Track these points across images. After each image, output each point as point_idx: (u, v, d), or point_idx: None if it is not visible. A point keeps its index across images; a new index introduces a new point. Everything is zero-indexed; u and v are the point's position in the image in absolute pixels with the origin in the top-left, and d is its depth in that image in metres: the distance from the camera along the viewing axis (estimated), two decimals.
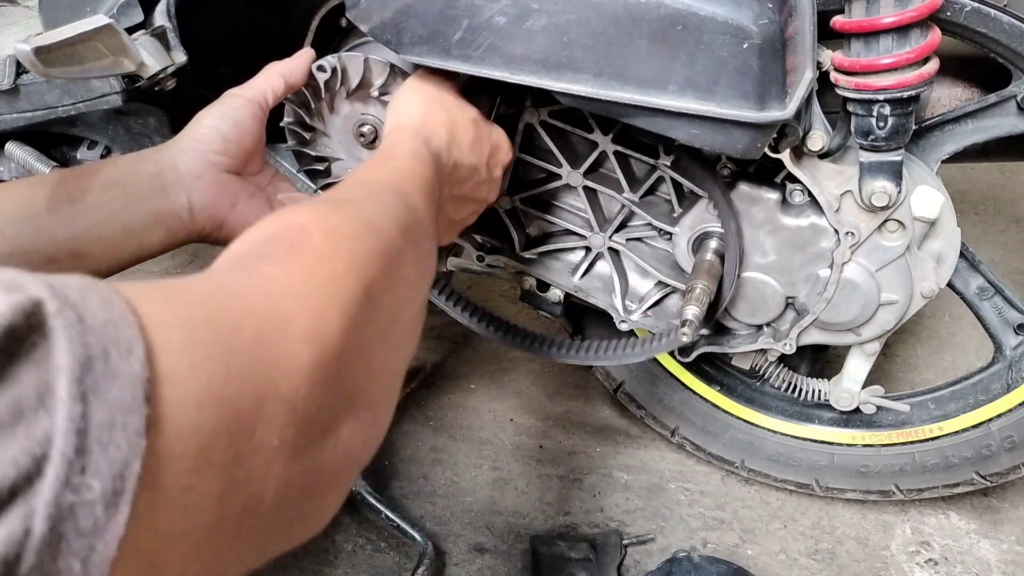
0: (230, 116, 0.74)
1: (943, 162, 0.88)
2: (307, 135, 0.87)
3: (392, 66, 0.79)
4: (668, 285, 0.95)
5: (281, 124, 0.86)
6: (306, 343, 0.38)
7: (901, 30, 0.70)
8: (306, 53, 0.81)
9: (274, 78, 0.78)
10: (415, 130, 0.69)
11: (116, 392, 0.27)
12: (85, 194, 0.68)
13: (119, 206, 0.69)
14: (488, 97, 0.82)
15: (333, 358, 0.40)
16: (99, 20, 0.70)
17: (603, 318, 1.01)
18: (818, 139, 0.79)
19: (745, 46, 0.64)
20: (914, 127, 0.78)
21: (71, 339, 0.26)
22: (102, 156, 0.98)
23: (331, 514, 0.43)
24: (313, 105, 0.85)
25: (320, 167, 0.88)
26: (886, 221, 0.83)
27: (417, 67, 0.76)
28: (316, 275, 0.42)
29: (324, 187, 0.89)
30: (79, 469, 0.25)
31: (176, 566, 0.31)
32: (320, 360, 0.38)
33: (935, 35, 0.72)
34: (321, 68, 0.81)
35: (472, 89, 0.79)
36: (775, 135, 0.75)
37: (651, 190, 0.92)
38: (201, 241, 0.76)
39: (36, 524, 0.24)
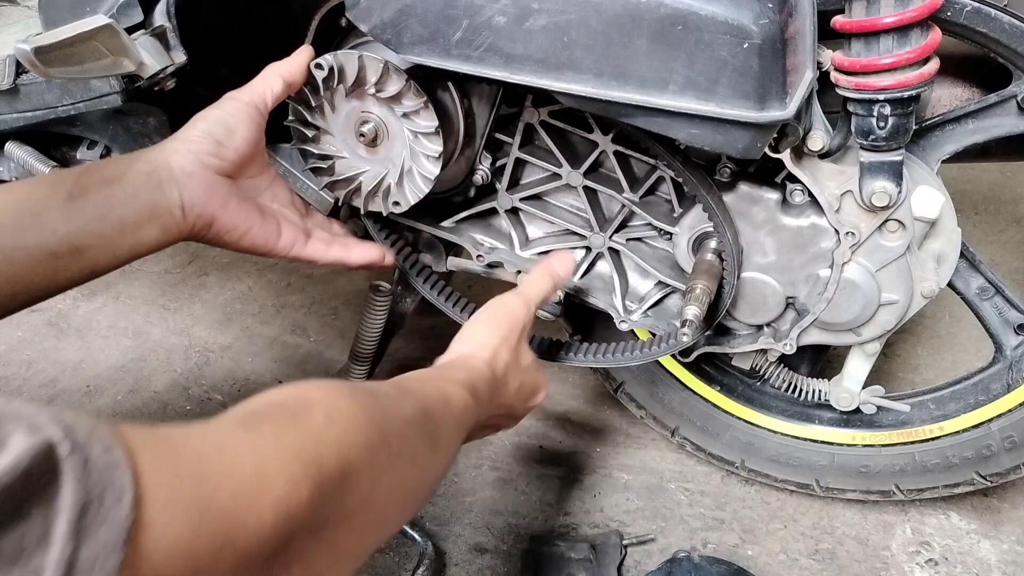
0: (224, 120, 0.76)
1: (943, 162, 0.88)
2: (310, 133, 0.87)
3: (387, 63, 0.79)
4: (668, 285, 0.95)
5: (285, 123, 0.86)
6: (273, 509, 0.42)
7: (901, 30, 0.70)
8: (304, 52, 0.81)
9: (273, 80, 0.79)
10: (485, 361, 0.76)
11: (104, 534, 0.31)
12: (84, 192, 0.70)
13: (116, 202, 0.71)
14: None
15: (296, 518, 0.44)
16: (99, 20, 0.70)
17: (603, 318, 1.01)
18: (818, 139, 0.79)
19: (745, 46, 0.64)
20: (914, 127, 0.78)
21: (76, 482, 0.30)
22: (102, 156, 0.98)
23: None
24: (314, 103, 0.85)
25: (323, 165, 0.88)
26: (886, 221, 0.83)
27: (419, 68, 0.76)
28: (303, 448, 0.46)
29: (328, 185, 0.89)
30: None
31: None
32: (280, 524, 0.43)
33: (935, 35, 0.72)
34: (318, 66, 0.81)
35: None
36: (775, 135, 0.75)
37: (651, 190, 0.92)
38: (193, 239, 0.77)
39: None
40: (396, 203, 0.88)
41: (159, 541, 0.34)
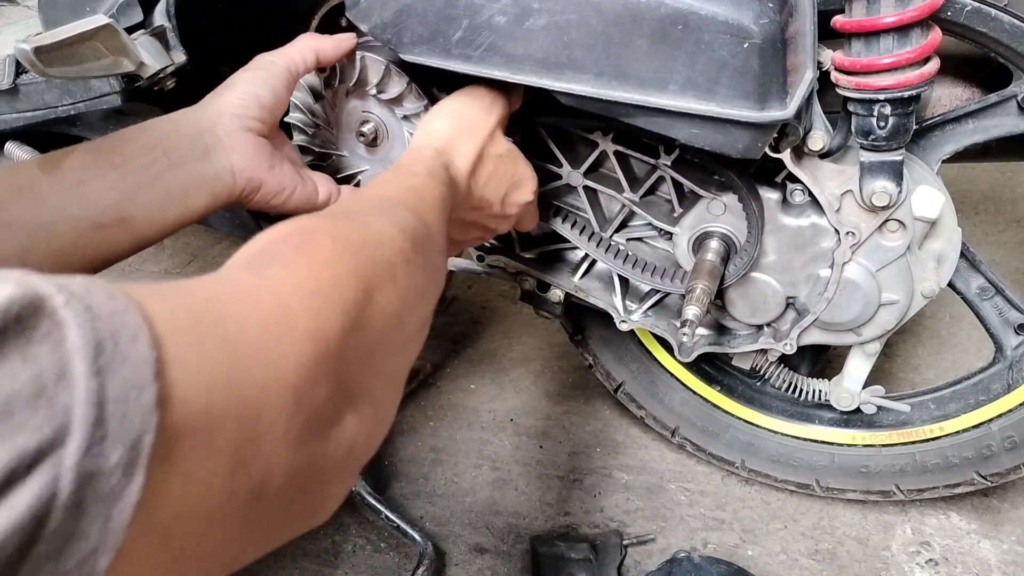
0: (268, 83, 0.75)
1: (944, 162, 0.88)
2: (311, 130, 0.87)
3: (388, 64, 0.79)
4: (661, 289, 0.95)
5: (285, 119, 0.86)
6: (309, 339, 0.40)
7: (902, 30, 0.70)
8: (349, 39, 0.80)
9: (307, 51, 0.77)
10: (438, 151, 0.70)
11: (127, 371, 0.29)
12: (126, 160, 0.69)
13: (161, 169, 0.69)
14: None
15: (335, 354, 0.42)
16: (99, 20, 0.69)
17: (604, 318, 1.01)
18: (819, 139, 0.79)
19: (746, 46, 0.64)
20: (915, 127, 0.78)
21: (81, 325, 0.28)
22: None
23: (335, 505, 0.45)
24: (316, 101, 0.85)
25: (323, 163, 0.89)
26: (887, 221, 0.83)
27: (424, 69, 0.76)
28: (320, 277, 0.44)
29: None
30: (99, 438, 0.27)
31: (187, 542, 0.32)
32: (323, 355, 0.40)
33: (936, 35, 0.72)
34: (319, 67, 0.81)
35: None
36: (776, 135, 0.75)
37: (651, 190, 0.92)
38: (240, 205, 0.76)
39: (62, 486, 0.26)
40: None
41: (194, 376, 0.32)
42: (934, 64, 0.73)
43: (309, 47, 0.77)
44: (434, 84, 0.82)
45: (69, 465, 0.26)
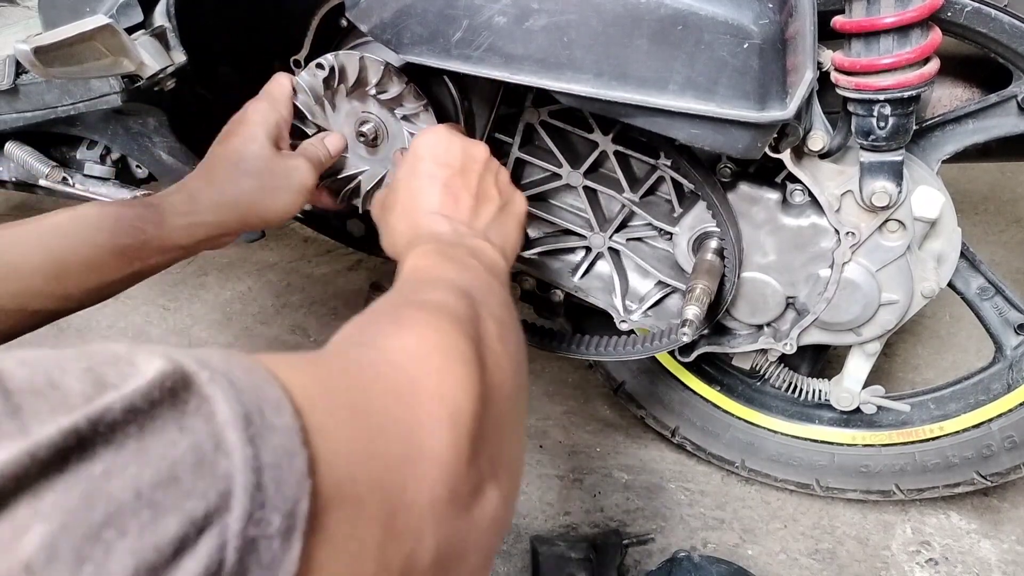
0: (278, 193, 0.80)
1: (944, 162, 0.88)
2: (310, 131, 0.87)
3: (387, 64, 0.79)
4: (668, 285, 0.95)
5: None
6: (439, 401, 0.40)
7: (902, 30, 0.70)
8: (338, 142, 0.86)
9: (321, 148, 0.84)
10: (452, 227, 0.68)
11: (276, 439, 0.29)
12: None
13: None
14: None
15: (473, 422, 0.42)
16: (99, 20, 0.69)
17: (604, 318, 1.01)
18: (819, 139, 0.79)
19: (745, 46, 0.64)
20: (915, 127, 0.78)
21: (228, 399, 0.29)
22: (101, 156, 0.98)
23: None
24: (315, 102, 0.85)
25: None
26: (887, 221, 0.83)
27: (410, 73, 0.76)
28: (428, 340, 0.44)
29: (326, 183, 0.89)
30: (259, 504, 0.27)
31: None
32: (456, 416, 0.41)
33: (935, 35, 0.72)
34: (319, 66, 0.81)
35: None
36: (775, 135, 0.75)
37: (651, 190, 0.92)
38: None
39: (228, 553, 0.26)
40: None
41: (337, 445, 0.32)
42: (934, 64, 0.73)
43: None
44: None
45: (235, 531, 0.26)
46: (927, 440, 1.03)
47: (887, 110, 0.74)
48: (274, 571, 0.27)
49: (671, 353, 1.05)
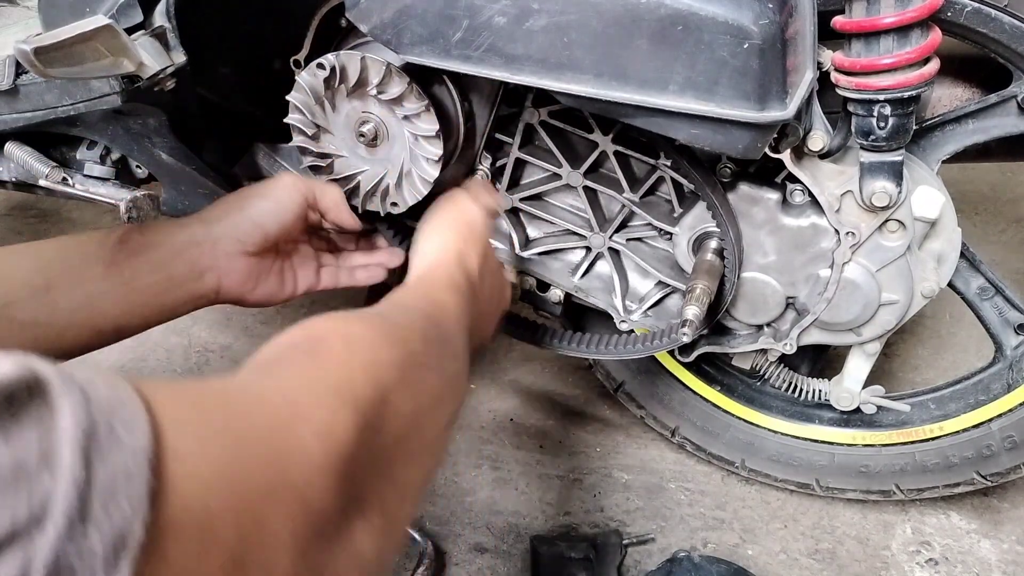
0: (279, 217, 0.80)
1: (944, 162, 0.88)
2: (310, 132, 0.87)
3: (389, 65, 0.79)
4: (668, 285, 0.95)
5: (285, 120, 0.86)
6: (318, 438, 0.39)
7: (902, 30, 0.70)
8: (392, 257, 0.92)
9: (332, 194, 0.84)
10: (456, 259, 0.72)
11: (119, 458, 0.28)
12: (135, 277, 0.75)
13: (161, 290, 0.76)
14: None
15: (346, 456, 0.40)
16: (99, 20, 0.69)
17: (603, 318, 1.01)
18: (819, 139, 0.79)
19: (745, 46, 0.64)
20: (914, 127, 0.78)
21: (75, 411, 0.27)
22: (101, 156, 0.98)
23: None
24: (315, 102, 0.85)
25: (323, 163, 0.88)
26: (887, 221, 0.83)
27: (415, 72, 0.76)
28: (331, 377, 0.43)
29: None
30: (79, 526, 0.26)
31: None
32: (332, 456, 0.39)
33: (935, 35, 0.72)
34: (320, 66, 0.81)
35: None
36: (776, 135, 0.75)
37: (651, 190, 0.92)
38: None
39: (33, 574, 0.25)
40: (394, 204, 0.88)
41: (193, 469, 0.31)
42: (934, 64, 0.73)
43: (337, 196, 0.84)
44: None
45: (44, 551, 0.25)
46: (927, 440, 1.03)
47: (887, 110, 0.74)
48: None
49: (671, 353, 1.05)
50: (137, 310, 0.75)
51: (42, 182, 0.96)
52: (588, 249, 0.97)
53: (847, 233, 0.84)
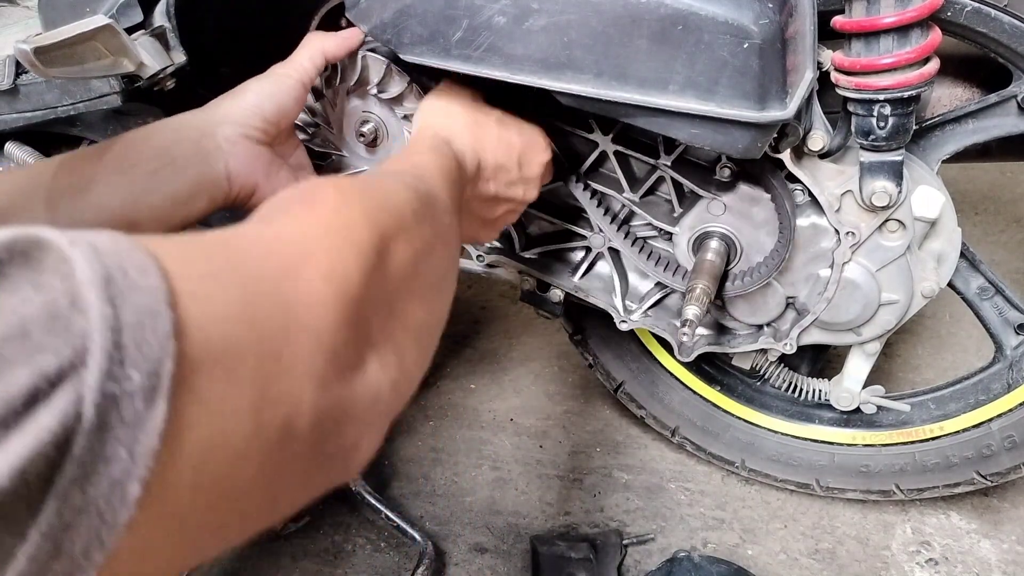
0: (275, 97, 0.77)
1: (944, 162, 0.88)
2: (311, 130, 0.87)
3: (389, 64, 0.79)
4: (668, 285, 0.95)
5: None
6: (326, 280, 0.40)
7: (901, 30, 0.70)
8: (354, 36, 0.81)
9: (316, 54, 0.79)
10: (436, 131, 0.72)
11: (140, 299, 0.29)
12: (134, 165, 0.71)
13: (166, 175, 0.72)
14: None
15: (354, 296, 0.42)
16: (99, 20, 0.69)
17: (603, 318, 1.01)
18: (819, 139, 0.79)
19: (745, 46, 0.64)
20: (914, 127, 0.78)
21: (89, 259, 0.28)
22: None
23: (366, 457, 0.45)
24: (316, 101, 0.85)
25: (322, 162, 0.89)
26: (887, 221, 0.83)
27: (418, 67, 0.76)
28: (331, 222, 0.45)
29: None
30: (118, 361, 0.27)
31: (218, 478, 0.32)
32: (341, 296, 0.41)
33: (935, 35, 0.72)
34: None
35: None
36: (775, 135, 0.75)
37: (651, 190, 0.92)
38: (235, 207, 0.78)
39: (85, 408, 0.25)
40: None
41: (209, 308, 0.32)
42: (934, 64, 0.73)
43: (317, 48, 0.79)
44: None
45: (91, 386, 0.26)
46: (927, 440, 1.03)
47: (887, 110, 0.74)
48: (137, 428, 0.27)
49: (671, 353, 1.05)
50: (144, 199, 0.71)
51: None
52: (588, 249, 0.97)
53: (847, 233, 0.84)
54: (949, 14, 0.78)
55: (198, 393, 0.30)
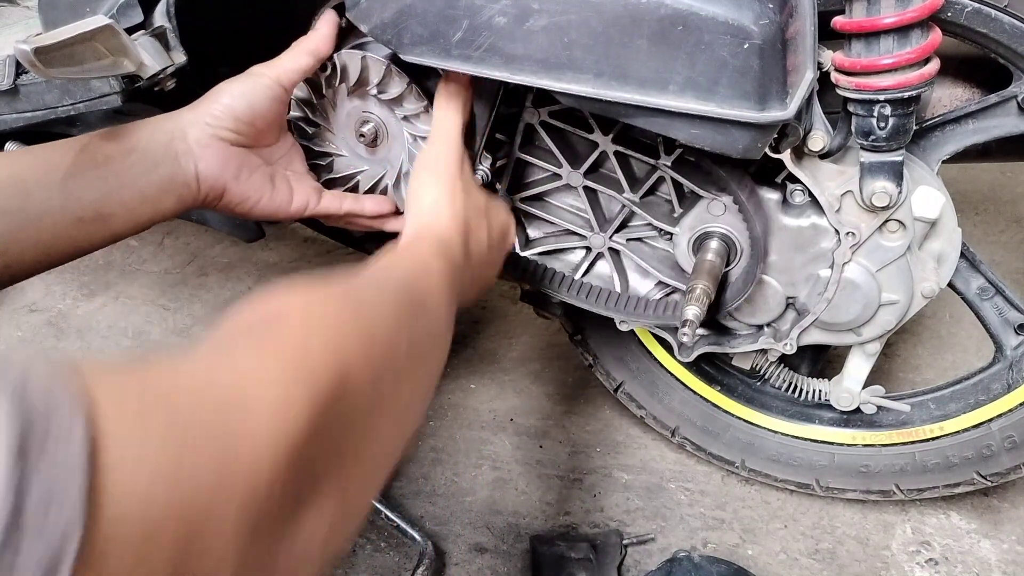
0: (247, 96, 0.77)
1: (944, 162, 0.88)
2: (311, 130, 0.87)
3: (389, 65, 0.79)
4: (668, 285, 0.95)
5: (286, 118, 0.86)
6: (269, 420, 0.37)
7: (902, 30, 0.70)
8: (328, 21, 0.80)
9: (301, 57, 0.79)
10: (431, 228, 0.72)
11: (54, 468, 0.27)
12: (108, 160, 0.72)
13: (138, 172, 0.73)
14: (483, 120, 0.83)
15: (299, 437, 0.39)
16: (99, 20, 0.69)
17: (603, 317, 1.01)
18: (819, 139, 0.79)
19: (746, 46, 0.64)
20: (915, 127, 0.78)
21: (9, 411, 0.26)
22: None
23: None
24: (316, 101, 0.85)
25: (322, 162, 0.89)
26: (887, 221, 0.83)
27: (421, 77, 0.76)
28: (288, 359, 0.41)
29: (326, 183, 0.89)
30: (14, 541, 0.25)
31: None
32: (284, 437, 0.38)
33: (936, 35, 0.72)
34: (321, 64, 0.81)
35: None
36: (776, 135, 0.75)
37: (651, 190, 0.92)
38: (207, 207, 0.79)
39: None
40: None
41: (133, 476, 0.29)
42: (934, 64, 0.73)
43: (303, 52, 0.79)
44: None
45: None
46: (927, 440, 1.03)
47: (887, 110, 0.74)
48: None
49: (671, 353, 1.05)
50: (116, 194, 0.72)
51: None
52: (588, 249, 0.97)
53: (847, 233, 0.84)
54: (949, 14, 0.78)
55: (106, 568, 0.28)
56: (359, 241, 1.05)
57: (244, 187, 0.79)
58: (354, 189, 0.89)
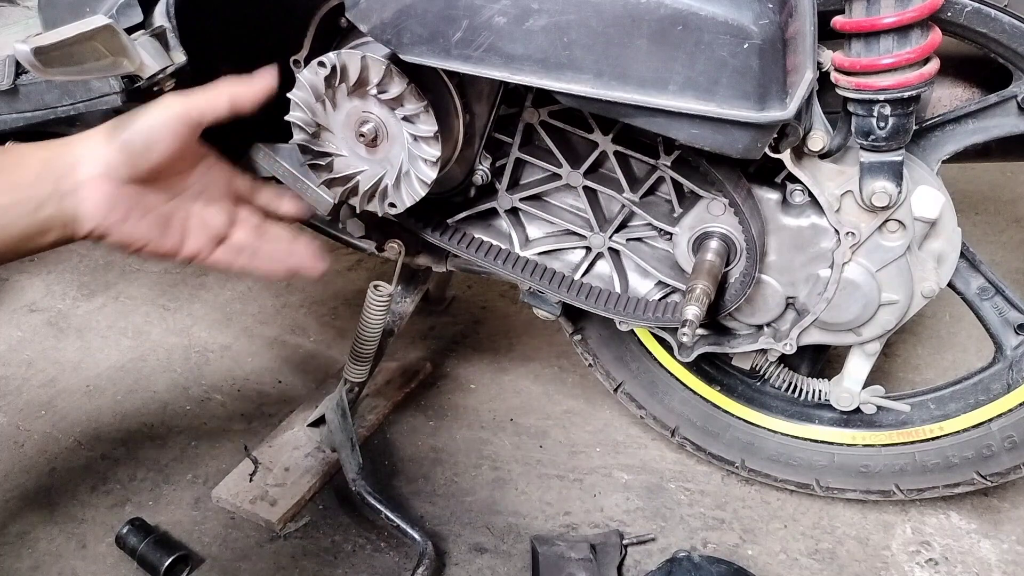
0: (145, 134, 0.73)
1: (944, 162, 0.88)
2: (310, 130, 0.87)
3: (389, 65, 0.79)
4: (668, 285, 0.95)
5: (286, 118, 0.86)
6: None
7: (902, 30, 0.70)
8: (267, 80, 0.77)
9: (218, 99, 0.75)
10: None
11: None
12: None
13: (22, 213, 0.70)
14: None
15: None
16: (98, 20, 0.69)
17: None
18: (819, 139, 0.79)
19: (745, 46, 0.64)
20: (914, 127, 0.78)
21: None
22: None
23: None
24: (316, 100, 0.85)
25: (322, 162, 0.89)
26: (887, 221, 0.83)
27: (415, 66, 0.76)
28: None
29: (325, 183, 0.89)
30: None
31: None
32: None
33: (935, 35, 0.72)
34: (321, 64, 0.81)
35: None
36: (775, 135, 0.75)
37: (651, 190, 0.92)
38: (89, 241, 0.76)
39: None
40: (392, 204, 0.88)
41: None
42: (934, 64, 0.73)
43: (225, 96, 0.75)
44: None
45: None
46: (927, 440, 1.03)
47: (887, 110, 0.74)
48: None
49: (671, 353, 1.05)
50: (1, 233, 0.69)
51: None
52: (588, 249, 0.97)
53: (847, 233, 0.84)
54: (949, 14, 0.78)
55: None
56: (359, 241, 1.05)
57: (130, 231, 0.75)
58: (353, 190, 0.89)
